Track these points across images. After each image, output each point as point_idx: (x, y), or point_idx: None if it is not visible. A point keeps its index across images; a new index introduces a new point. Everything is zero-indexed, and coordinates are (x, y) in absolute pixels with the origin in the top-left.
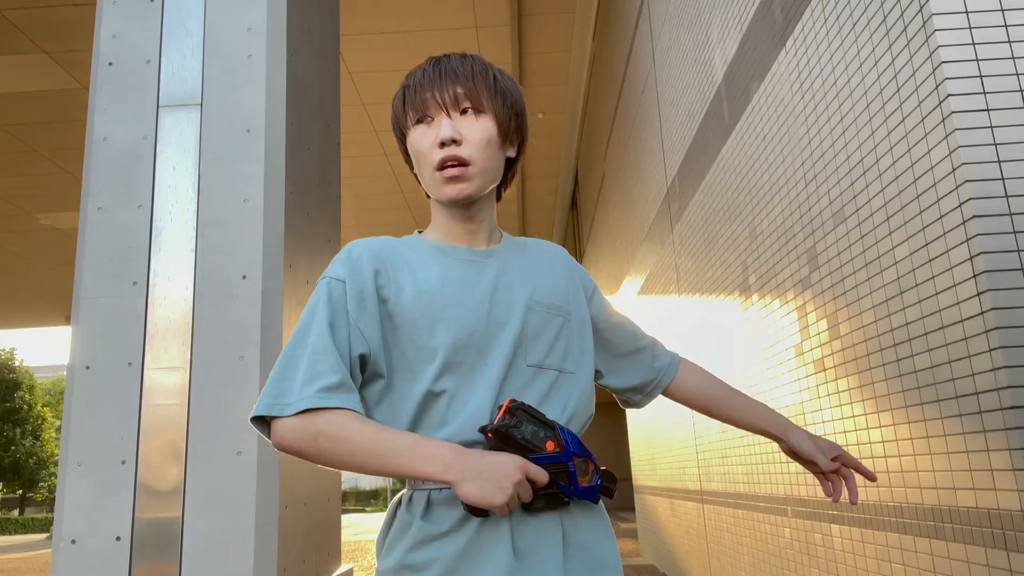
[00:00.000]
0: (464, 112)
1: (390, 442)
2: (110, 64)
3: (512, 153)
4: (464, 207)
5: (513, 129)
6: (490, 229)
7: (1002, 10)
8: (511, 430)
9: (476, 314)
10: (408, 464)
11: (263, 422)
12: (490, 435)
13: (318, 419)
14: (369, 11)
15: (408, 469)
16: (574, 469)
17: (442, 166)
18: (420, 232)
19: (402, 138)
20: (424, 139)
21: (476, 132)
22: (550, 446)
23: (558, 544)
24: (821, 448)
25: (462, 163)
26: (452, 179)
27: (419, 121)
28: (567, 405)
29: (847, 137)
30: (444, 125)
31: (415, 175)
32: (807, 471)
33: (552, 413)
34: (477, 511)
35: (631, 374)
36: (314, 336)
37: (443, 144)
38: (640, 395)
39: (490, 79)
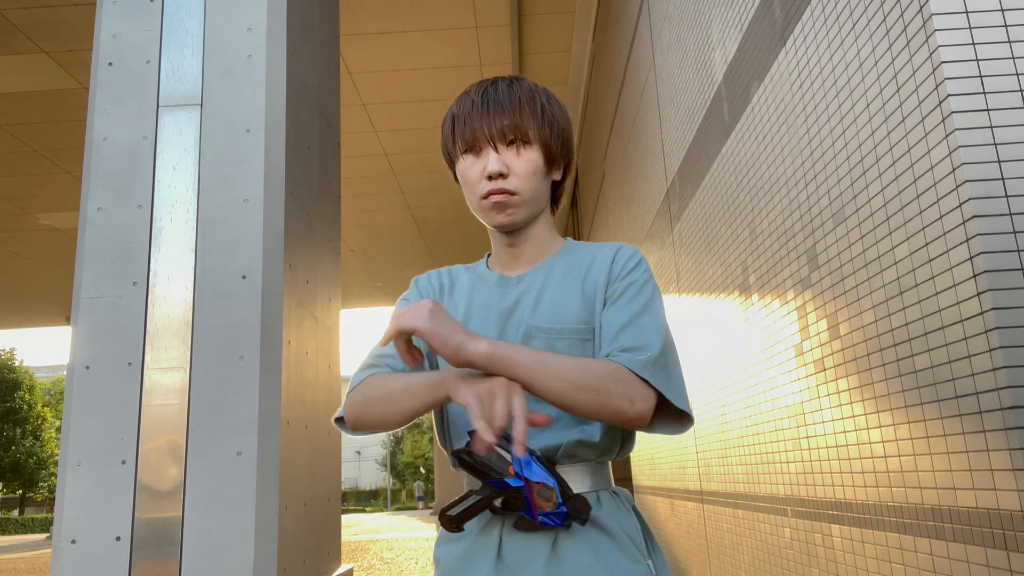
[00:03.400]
0: (511, 143)
1: (412, 378)
2: (110, 64)
3: (558, 176)
4: (508, 232)
5: (560, 155)
6: (536, 251)
7: (1002, 10)
8: (468, 456)
9: None
10: (426, 394)
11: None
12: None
13: (361, 385)
14: (369, 11)
15: (427, 398)
16: (528, 495)
17: (488, 195)
18: (489, 255)
19: (451, 163)
20: (472, 169)
21: (522, 164)
22: (512, 471)
23: (543, 558)
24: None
25: (509, 194)
26: (498, 205)
27: (467, 151)
28: (556, 431)
29: (847, 137)
30: (492, 159)
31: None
32: (807, 471)
33: (542, 437)
34: (477, 470)
35: None
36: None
37: (490, 177)
38: None
39: (538, 109)
